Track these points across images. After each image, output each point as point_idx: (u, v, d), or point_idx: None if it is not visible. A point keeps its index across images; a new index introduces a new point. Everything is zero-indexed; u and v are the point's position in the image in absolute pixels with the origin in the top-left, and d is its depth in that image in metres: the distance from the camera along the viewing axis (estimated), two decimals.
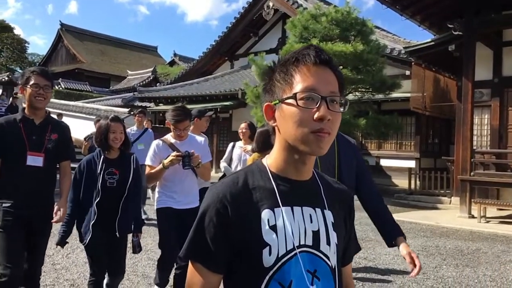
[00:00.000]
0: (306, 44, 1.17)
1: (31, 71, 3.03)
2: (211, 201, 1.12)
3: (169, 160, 3.46)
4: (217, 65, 22.75)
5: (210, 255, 1.11)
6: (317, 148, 1.07)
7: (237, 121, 17.32)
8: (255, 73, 10.76)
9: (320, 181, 1.22)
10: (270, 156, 1.20)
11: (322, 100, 1.06)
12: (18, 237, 2.97)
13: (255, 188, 1.14)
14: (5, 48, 43.67)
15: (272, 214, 1.10)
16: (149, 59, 44.06)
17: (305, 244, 1.11)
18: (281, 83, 1.12)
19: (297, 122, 1.06)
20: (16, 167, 2.97)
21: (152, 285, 4.44)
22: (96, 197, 3.22)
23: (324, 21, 11.33)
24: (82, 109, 19.48)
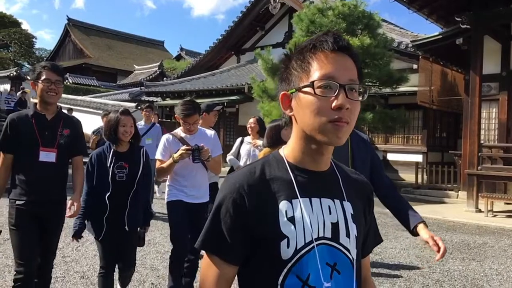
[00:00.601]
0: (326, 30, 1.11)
1: (42, 66, 3.00)
2: (228, 191, 1.10)
3: (179, 154, 3.44)
4: (224, 59, 22.74)
5: (226, 246, 1.08)
6: (335, 138, 1.04)
7: (244, 115, 17.36)
8: (262, 67, 10.76)
9: (338, 172, 1.19)
10: (287, 147, 1.18)
11: (341, 88, 1.03)
12: (32, 234, 2.97)
13: (272, 178, 1.11)
14: (13, 43, 43.90)
15: (290, 206, 1.08)
16: (156, 53, 44.13)
17: (324, 236, 1.08)
18: (297, 71, 1.09)
19: (314, 111, 1.03)
20: (29, 163, 2.95)
21: (160, 277, 4.51)
22: (107, 190, 3.22)
23: (330, 15, 11.28)
24: (89, 103, 19.61)
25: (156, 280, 4.43)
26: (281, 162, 1.14)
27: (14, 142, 2.95)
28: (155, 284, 4.33)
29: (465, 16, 9.67)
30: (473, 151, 9.88)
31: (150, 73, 32.31)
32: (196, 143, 3.51)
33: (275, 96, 10.32)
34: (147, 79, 27.79)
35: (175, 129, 3.97)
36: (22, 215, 2.94)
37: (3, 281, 4.24)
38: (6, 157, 2.99)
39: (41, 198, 2.97)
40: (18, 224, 2.93)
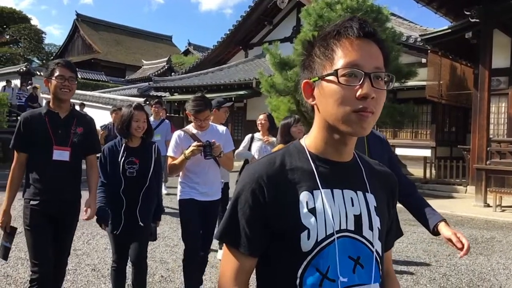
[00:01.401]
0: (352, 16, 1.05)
1: (55, 63, 2.97)
2: (247, 182, 1.07)
3: (190, 150, 3.40)
4: (232, 54, 22.76)
5: (245, 238, 1.06)
6: (359, 128, 1.00)
7: (252, 110, 17.40)
8: (270, 62, 10.77)
9: (361, 163, 1.16)
10: (308, 136, 1.14)
11: (366, 77, 0.98)
12: (46, 234, 2.96)
13: (293, 169, 1.08)
14: (23, 39, 44.14)
15: (311, 197, 1.05)
16: (164, 48, 44.21)
17: (346, 228, 1.05)
18: (321, 59, 1.04)
19: (338, 101, 0.99)
20: (43, 162, 2.92)
21: (169, 270, 4.58)
22: (120, 185, 3.22)
23: (339, 9, 11.23)
24: (98, 99, 19.73)
25: (165, 273, 4.51)
26: (302, 152, 1.11)
27: (27, 141, 2.92)
28: (164, 276, 4.41)
29: (475, 10, 9.60)
30: (481, 146, 9.84)
31: (159, 68, 32.41)
32: (207, 139, 3.48)
33: (283, 91, 10.35)
34: (156, 74, 27.91)
35: (183, 124, 4.01)
36: (36, 215, 2.92)
37: (17, 273, 4.34)
38: (20, 156, 2.97)
39: (55, 197, 2.95)
40: (33, 224, 2.91)
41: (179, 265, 4.69)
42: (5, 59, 41.00)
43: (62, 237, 3.09)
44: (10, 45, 43.91)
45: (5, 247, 3.03)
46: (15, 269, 4.44)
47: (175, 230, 6.15)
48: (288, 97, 10.65)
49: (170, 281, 4.30)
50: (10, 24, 43.62)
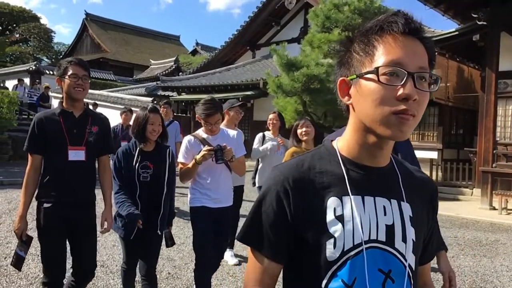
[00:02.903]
0: (396, 11, 0.97)
1: (68, 61, 2.86)
2: (272, 183, 1.02)
3: (202, 155, 3.30)
4: (239, 54, 22.86)
5: (268, 242, 1.01)
6: (398, 132, 0.92)
7: (259, 110, 17.46)
8: (277, 63, 10.83)
9: (398, 169, 1.07)
10: (341, 138, 1.07)
11: (409, 77, 0.91)
12: (60, 240, 2.85)
13: (322, 172, 1.02)
14: (32, 38, 44.57)
15: (339, 203, 0.98)
16: (172, 48, 44.39)
17: (376, 239, 0.98)
18: (360, 55, 0.97)
19: (376, 101, 0.92)
20: (58, 163, 2.82)
21: (176, 267, 4.66)
22: (136, 190, 3.13)
23: (346, 10, 11.29)
24: (107, 98, 19.88)
25: (172, 270, 4.60)
26: (333, 155, 1.05)
27: (42, 142, 2.82)
28: (171, 273, 4.49)
29: (482, 12, 9.61)
30: (488, 149, 9.85)
31: (166, 67, 32.57)
32: (218, 144, 3.38)
33: (289, 92, 10.40)
34: (163, 73, 28.04)
35: (190, 125, 4.02)
36: (50, 218, 2.80)
37: (28, 268, 4.43)
38: (35, 158, 2.84)
39: (70, 198, 2.83)
40: (46, 228, 2.81)
41: (186, 263, 4.79)
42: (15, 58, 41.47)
43: (80, 242, 2.93)
44: (19, 43, 44.36)
45: (19, 255, 2.85)
46: (26, 264, 4.53)
47: (181, 228, 6.24)
48: (295, 98, 10.71)
49: (177, 278, 4.39)
50: (20, 23, 44.07)
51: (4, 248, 5.06)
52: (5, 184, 9.68)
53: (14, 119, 14.18)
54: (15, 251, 2.87)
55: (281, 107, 11.02)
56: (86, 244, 2.95)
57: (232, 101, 4.98)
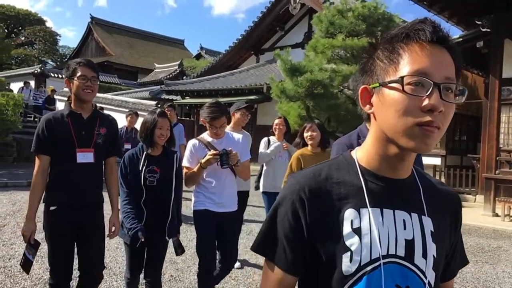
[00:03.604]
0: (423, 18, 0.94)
1: (77, 62, 2.83)
2: (288, 193, 1.00)
3: (207, 159, 3.27)
4: (243, 59, 22.93)
5: (282, 252, 0.99)
6: (421, 144, 0.89)
7: (262, 115, 17.51)
8: (281, 68, 10.87)
9: (420, 181, 1.03)
10: (361, 148, 1.04)
11: (435, 87, 0.87)
12: (67, 242, 2.82)
13: (339, 183, 0.99)
14: (38, 41, 44.85)
15: (356, 215, 0.95)
16: (176, 52, 44.56)
17: (395, 254, 0.94)
18: (384, 63, 0.94)
19: (400, 111, 0.89)
20: (66, 165, 2.79)
21: (178, 270, 4.69)
22: (141, 195, 3.08)
23: (350, 16, 11.32)
24: (111, 101, 19.96)
25: (175, 272, 4.62)
26: (352, 165, 1.02)
27: (50, 143, 2.78)
28: (174, 276, 4.52)
29: (486, 19, 9.64)
30: (491, 155, 9.85)
31: (170, 71, 32.66)
32: (223, 148, 3.34)
33: (293, 97, 10.43)
34: (167, 77, 28.13)
35: (193, 128, 4.01)
36: (57, 221, 2.78)
37: (32, 269, 4.45)
38: (43, 159, 2.80)
39: (77, 201, 2.80)
40: (53, 231, 2.79)
41: (188, 266, 4.81)
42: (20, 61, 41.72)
43: (86, 245, 2.89)
44: (25, 46, 44.65)
45: (27, 258, 2.79)
46: None
47: (184, 232, 6.26)
48: (298, 103, 10.74)
49: (180, 281, 4.41)
50: (26, 26, 44.40)
51: (8, 249, 5.10)
52: (10, 186, 9.75)
53: (19, 121, 14.27)
54: (24, 252, 2.82)
55: (285, 112, 11.04)
56: (93, 247, 2.91)
57: (238, 103, 4.96)
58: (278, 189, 5.13)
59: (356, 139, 2.10)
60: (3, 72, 28.45)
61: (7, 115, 13.63)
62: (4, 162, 13.44)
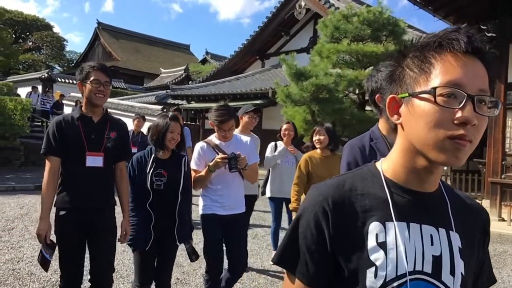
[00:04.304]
0: (456, 26, 0.91)
1: (91, 66, 2.83)
2: (310, 203, 0.97)
3: (215, 163, 3.25)
4: (249, 63, 23.04)
5: (304, 265, 0.95)
6: (452, 158, 0.85)
7: (267, 119, 17.55)
8: (286, 72, 10.92)
9: (447, 196, 0.99)
10: (386, 160, 1.01)
11: (468, 100, 0.84)
12: (77, 246, 2.83)
13: (364, 194, 0.96)
14: (45, 46, 45.27)
15: (382, 228, 0.92)
16: (182, 57, 44.79)
17: (422, 270, 0.90)
18: (414, 72, 0.90)
19: (431, 123, 0.85)
20: (75, 169, 2.79)
21: (184, 273, 4.73)
22: (147, 198, 3.07)
23: (355, 21, 11.36)
24: (117, 106, 20.08)
25: (181, 275, 4.66)
26: (377, 177, 0.99)
27: (60, 146, 2.78)
28: (180, 279, 4.56)
29: (491, 24, 9.67)
30: (497, 160, 9.83)
31: (176, 76, 32.84)
32: (231, 151, 3.32)
33: (298, 101, 10.47)
34: (173, 82, 28.30)
35: (199, 132, 4.00)
36: (67, 225, 2.77)
37: (40, 271, 4.51)
38: (53, 162, 2.79)
39: (86, 205, 2.80)
40: (63, 234, 2.79)
41: (194, 269, 4.85)
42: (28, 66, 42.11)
43: (96, 249, 2.88)
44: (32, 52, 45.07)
45: (44, 257, 2.77)
46: (38, 268, 4.60)
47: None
48: (304, 107, 10.77)
49: (186, 284, 4.45)
50: (33, 31, 44.88)
51: (16, 252, 5.16)
52: (17, 190, 9.85)
53: (27, 126, 14.40)
54: (41, 250, 2.78)
55: (290, 116, 11.08)
56: (103, 250, 2.90)
57: (246, 107, 4.96)
58: (285, 194, 5.15)
59: (369, 141, 2.08)
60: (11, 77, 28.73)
61: (15, 120, 13.77)
62: (12, 166, 13.56)
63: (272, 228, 5.42)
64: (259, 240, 6.40)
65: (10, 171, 12.67)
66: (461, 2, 10.40)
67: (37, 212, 7.52)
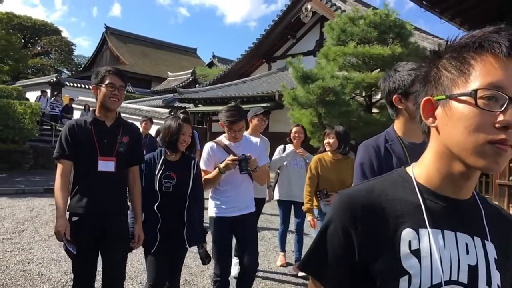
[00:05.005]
0: (496, 27, 0.87)
1: (106, 70, 2.84)
2: (338, 209, 0.94)
3: (225, 165, 3.23)
4: (255, 67, 23.10)
5: (331, 273, 0.93)
6: (492, 163, 0.82)
7: (274, 122, 17.59)
8: (292, 75, 10.95)
9: (481, 204, 0.96)
10: (418, 165, 0.97)
11: (510, 103, 0.80)
12: (90, 251, 2.81)
13: (395, 199, 0.92)
14: (54, 50, 45.67)
15: (415, 235, 0.88)
16: (189, 60, 44.96)
17: (457, 280, 0.87)
18: (452, 73, 0.87)
19: (470, 127, 0.82)
20: (87, 173, 2.78)
21: (192, 274, 4.77)
22: (155, 200, 3.04)
23: (362, 24, 11.38)
24: (125, 109, 20.21)
25: (189, 277, 4.71)
26: (408, 182, 0.95)
27: (72, 150, 2.78)
28: (188, 280, 4.61)
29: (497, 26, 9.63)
30: None
31: (183, 79, 32.99)
32: (241, 152, 3.30)
33: (305, 104, 10.51)
34: (180, 85, 28.41)
35: (206, 135, 3.97)
36: (80, 230, 2.75)
37: (50, 273, 4.59)
38: (65, 165, 2.78)
39: (100, 210, 2.78)
40: (76, 239, 2.74)
41: (202, 270, 4.90)
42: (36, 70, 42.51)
43: (108, 253, 2.86)
44: (41, 56, 45.50)
45: (68, 249, 2.73)
46: (49, 269, 4.71)
47: None
48: (310, 110, 10.80)
49: (194, 285, 4.50)
50: (42, 36, 45.25)
51: (27, 254, 5.24)
52: (27, 193, 9.96)
53: (36, 130, 14.55)
54: (64, 243, 2.72)
55: (297, 119, 11.11)
56: (114, 258, 2.89)
57: (255, 109, 4.94)
58: (292, 197, 5.16)
59: (384, 142, 2.02)
60: (20, 82, 29.04)
61: (25, 123, 13.92)
62: (21, 169, 13.71)
63: (280, 231, 5.42)
64: (266, 242, 6.44)
65: (20, 174, 12.81)
66: (467, 4, 10.39)
67: (46, 215, 7.61)
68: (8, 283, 4.22)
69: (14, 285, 4.18)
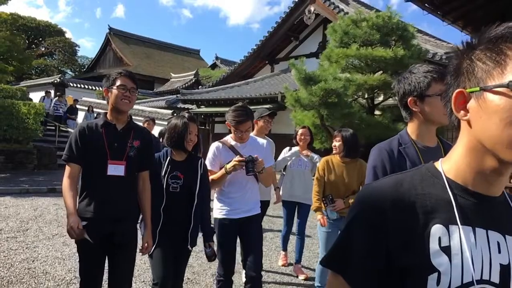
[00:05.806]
0: None
1: (118, 72, 2.83)
2: (365, 203, 0.91)
3: (232, 166, 3.19)
4: (258, 68, 23.18)
5: (356, 269, 0.90)
6: None
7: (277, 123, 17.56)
8: (295, 77, 11.01)
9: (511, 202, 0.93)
10: (448, 160, 0.94)
11: None
12: (97, 255, 2.78)
13: (425, 194, 0.89)
14: (57, 51, 45.86)
15: (445, 232, 0.85)
16: (192, 62, 45.11)
17: (489, 280, 0.84)
18: (487, 64, 0.83)
19: (507, 120, 0.78)
20: (96, 177, 2.74)
21: (195, 273, 4.82)
22: (161, 201, 3.00)
23: (364, 26, 11.43)
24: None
25: (191, 275, 4.75)
26: (437, 177, 0.92)
27: (82, 153, 2.74)
28: (191, 279, 4.65)
29: None
30: None
31: (186, 81, 33.11)
32: (247, 153, 3.26)
33: (307, 105, 10.56)
34: (183, 87, 28.55)
35: (208, 137, 3.93)
36: (88, 235, 2.69)
37: (55, 271, 4.65)
38: (73, 168, 2.76)
39: (108, 215, 2.73)
40: (83, 244, 2.72)
41: (204, 269, 4.94)
42: (40, 71, 42.69)
43: (115, 258, 2.83)
44: (45, 57, 45.70)
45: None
46: (53, 267, 4.76)
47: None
48: (313, 112, 10.85)
49: (196, 283, 4.54)
50: (46, 37, 45.45)
51: (32, 252, 5.29)
52: (31, 192, 10.03)
53: (40, 129, 14.63)
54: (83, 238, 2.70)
55: (299, 121, 11.16)
56: (121, 260, 2.85)
57: (261, 111, 4.92)
58: (295, 198, 5.18)
59: (397, 146, 1.99)
60: (24, 82, 29.18)
61: (28, 124, 14.00)
62: (25, 169, 13.78)
63: (283, 232, 5.43)
64: (268, 242, 6.48)
65: (24, 174, 12.88)
66: (469, 6, 10.43)
67: (50, 214, 7.68)
68: (13, 281, 4.27)
69: (19, 283, 4.24)
